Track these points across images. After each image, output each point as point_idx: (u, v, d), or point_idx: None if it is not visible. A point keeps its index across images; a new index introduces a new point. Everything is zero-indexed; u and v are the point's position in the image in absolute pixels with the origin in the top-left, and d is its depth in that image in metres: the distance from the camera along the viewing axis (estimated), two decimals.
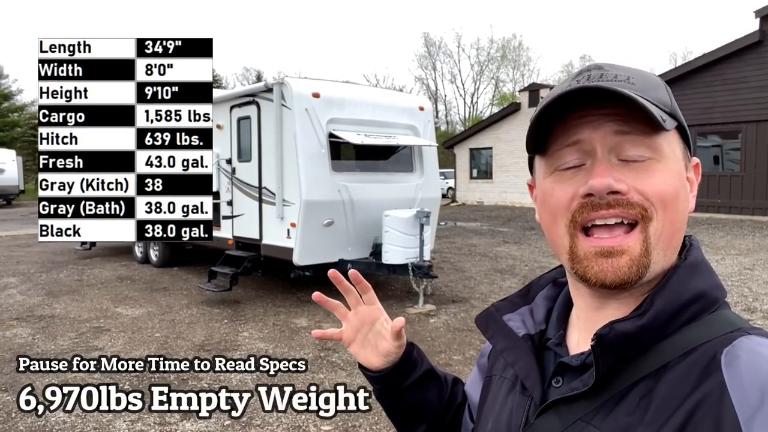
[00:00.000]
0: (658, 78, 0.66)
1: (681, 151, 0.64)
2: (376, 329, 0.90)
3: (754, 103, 14.76)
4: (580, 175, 0.62)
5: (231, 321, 6.23)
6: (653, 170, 0.60)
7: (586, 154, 0.61)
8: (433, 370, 0.94)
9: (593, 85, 0.60)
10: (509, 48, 48.88)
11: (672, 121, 0.62)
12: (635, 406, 0.58)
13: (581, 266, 0.62)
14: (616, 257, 0.60)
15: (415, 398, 0.91)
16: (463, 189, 24.43)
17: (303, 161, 6.58)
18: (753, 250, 10.09)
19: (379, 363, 0.90)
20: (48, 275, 9.04)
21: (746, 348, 0.56)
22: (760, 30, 14.61)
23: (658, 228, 0.60)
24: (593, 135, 0.61)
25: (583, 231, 0.62)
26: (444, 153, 24.99)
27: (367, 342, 0.91)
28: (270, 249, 7.10)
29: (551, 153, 0.64)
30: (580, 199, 0.61)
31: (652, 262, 0.60)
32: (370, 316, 0.90)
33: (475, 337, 5.56)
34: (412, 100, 8.59)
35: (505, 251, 10.79)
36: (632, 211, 0.59)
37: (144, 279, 8.68)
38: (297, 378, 4.42)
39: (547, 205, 0.65)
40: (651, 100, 0.61)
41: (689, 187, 0.66)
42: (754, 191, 15.03)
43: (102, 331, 5.88)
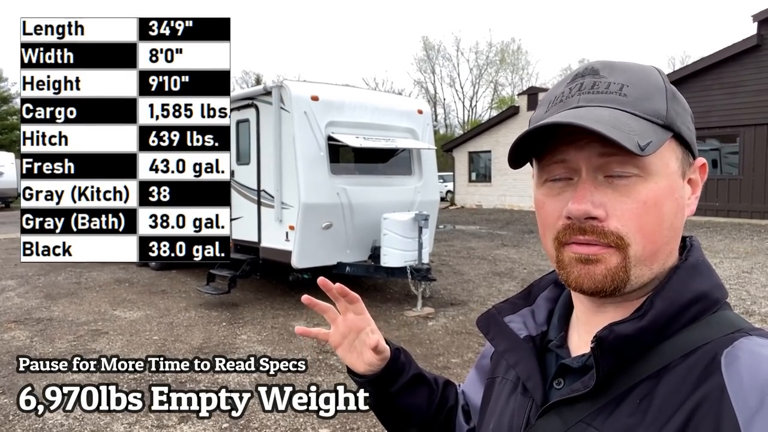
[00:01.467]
0: (659, 78, 0.65)
1: (678, 160, 0.63)
2: (361, 338, 0.92)
3: (752, 107, 14.80)
4: (568, 192, 0.63)
5: (229, 324, 6.22)
6: (636, 191, 0.60)
7: (573, 170, 0.62)
8: (421, 374, 0.95)
9: (567, 121, 0.59)
10: (508, 52, 48.99)
11: (663, 135, 0.60)
12: (636, 407, 0.58)
13: (564, 272, 0.64)
14: (592, 265, 0.61)
15: (403, 403, 0.93)
16: (461, 192, 24.45)
17: (302, 164, 6.58)
18: (751, 253, 10.10)
19: (364, 369, 0.92)
20: (46, 278, 9.02)
21: (746, 349, 0.56)
22: (758, 34, 14.66)
23: (638, 251, 0.60)
24: (578, 155, 0.61)
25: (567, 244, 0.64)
26: (443, 156, 25.01)
27: (353, 348, 0.93)
28: (269, 252, 7.10)
29: (543, 165, 0.66)
30: (564, 219, 0.62)
31: (633, 277, 0.61)
32: (356, 325, 0.93)
33: (473, 340, 5.55)
34: (410, 103, 8.60)
35: (504, 254, 10.79)
36: (605, 240, 0.60)
37: (142, 282, 8.66)
38: (295, 379, 4.42)
39: (539, 216, 0.67)
40: (641, 114, 0.60)
41: (690, 192, 0.65)
42: (752, 195, 15.05)
43: (100, 334, 5.86)
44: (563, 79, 0.69)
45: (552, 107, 0.66)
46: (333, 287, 0.91)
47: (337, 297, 0.92)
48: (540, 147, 0.65)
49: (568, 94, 0.65)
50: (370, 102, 7.51)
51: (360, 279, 8.37)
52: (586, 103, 0.62)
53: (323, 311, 0.94)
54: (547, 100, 0.68)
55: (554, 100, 0.66)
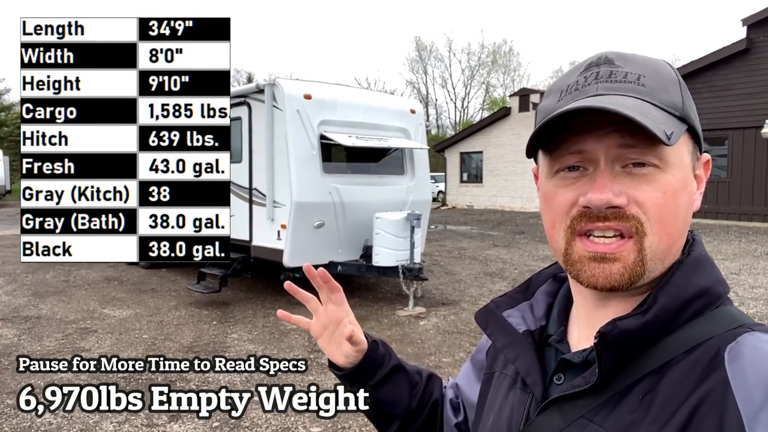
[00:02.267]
0: (671, 71, 0.64)
1: (689, 153, 0.63)
2: (340, 329, 0.92)
3: (741, 110, 14.95)
4: (582, 181, 0.61)
5: (220, 323, 6.19)
6: (655, 181, 0.59)
7: (589, 161, 0.61)
8: (401, 366, 0.95)
9: (596, 105, 0.57)
10: (500, 53, 49.17)
11: (681, 127, 0.60)
12: (638, 403, 0.58)
13: (574, 269, 0.63)
14: (609, 263, 0.60)
15: (384, 396, 0.92)
16: (453, 192, 24.49)
17: (294, 163, 6.56)
18: (739, 255, 10.21)
19: (342, 362, 0.92)
20: (34, 276, 8.92)
21: (750, 345, 0.56)
22: (747, 38, 14.81)
23: (654, 241, 0.60)
24: (597, 146, 0.60)
25: (581, 234, 0.62)
26: (434, 156, 25.05)
27: (333, 339, 0.93)
28: (260, 250, 7.07)
29: (555, 156, 0.63)
30: (580, 207, 0.61)
31: (648, 271, 0.60)
32: (336, 316, 0.93)
33: (465, 339, 5.56)
34: (403, 102, 8.60)
35: (495, 254, 10.82)
36: (627, 224, 0.59)
37: (132, 280, 8.60)
38: (287, 378, 4.40)
39: (549, 207, 0.65)
40: (661, 105, 0.60)
41: (696, 186, 0.65)
42: (740, 197, 15.21)
43: (89, 333, 5.81)
44: (573, 68, 0.67)
45: (566, 96, 0.64)
46: (316, 273, 0.92)
47: (320, 285, 0.93)
48: (551, 137, 0.63)
49: (584, 83, 0.63)
50: (363, 101, 7.50)
51: (352, 278, 8.36)
52: (606, 91, 0.61)
53: (305, 300, 0.95)
54: (557, 89, 0.66)
55: (567, 89, 0.64)
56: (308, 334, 5.46)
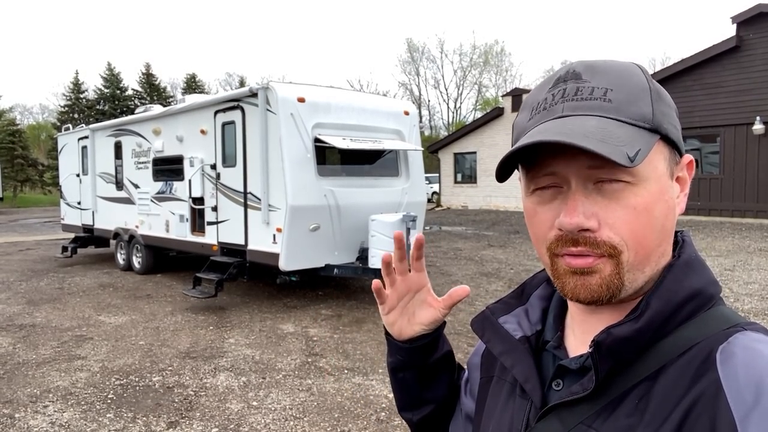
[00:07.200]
0: (642, 78, 0.63)
1: (665, 161, 0.63)
2: (418, 297, 0.89)
3: (732, 107, 15.06)
4: (559, 200, 0.62)
5: (217, 327, 6.17)
6: (626, 198, 0.59)
7: (563, 179, 0.62)
8: (453, 353, 0.95)
9: (553, 140, 0.57)
10: (492, 53, 49.28)
11: (651, 140, 0.60)
12: (634, 407, 0.59)
13: (560, 282, 0.64)
14: (588, 276, 0.61)
15: (433, 376, 0.91)
16: (447, 193, 24.51)
17: (289, 166, 6.55)
18: (733, 251, 10.26)
19: (411, 333, 0.89)
20: (28, 283, 8.87)
21: (741, 345, 0.56)
22: (737, 35, 14.92)
23: (630, 256, 0.60)
24: (568, 168, 0.61)
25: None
26: (428, 158, 25.07)
27: (405, 311, 0.90)
28: (256, 254, 7.05)
29: (531, 176, 0.65)
30: (556, 230, 0.62)
31: (627, 282, 0.61)
32: (417, 283, 0.89)
33: (462, 340, 5.57)
34: (397, 104, 8.61)
35: (491, 255, 10.84)
36: (598, 251, 0.60)
37: (127, 286, 8.56)
38: (285, 381, 4.39)
39: (531, 224, 0.67)
40: (628, 120, 0.60)
41: (678, 190, 0.65)
42: (732, 193, 15.31)
43: (84, 340, 5.78)
44: (545, 81, 0.67)
45: (535, 114, 0.65)
46: (404, 244, 0.87)
47: (403, 256, 0.88)
48: (527, 157, 0.64)
49: (552, 101, 0.64)
50: (357, 103, 7.50)
51: (348, 280, 8.35)
52: (571, 111, 0.61)
53: (387, 274, 0.90)
54: (529, 105, 0.67)
55: (537, 106, 0.65)
56: (305, 338, 5.45)
